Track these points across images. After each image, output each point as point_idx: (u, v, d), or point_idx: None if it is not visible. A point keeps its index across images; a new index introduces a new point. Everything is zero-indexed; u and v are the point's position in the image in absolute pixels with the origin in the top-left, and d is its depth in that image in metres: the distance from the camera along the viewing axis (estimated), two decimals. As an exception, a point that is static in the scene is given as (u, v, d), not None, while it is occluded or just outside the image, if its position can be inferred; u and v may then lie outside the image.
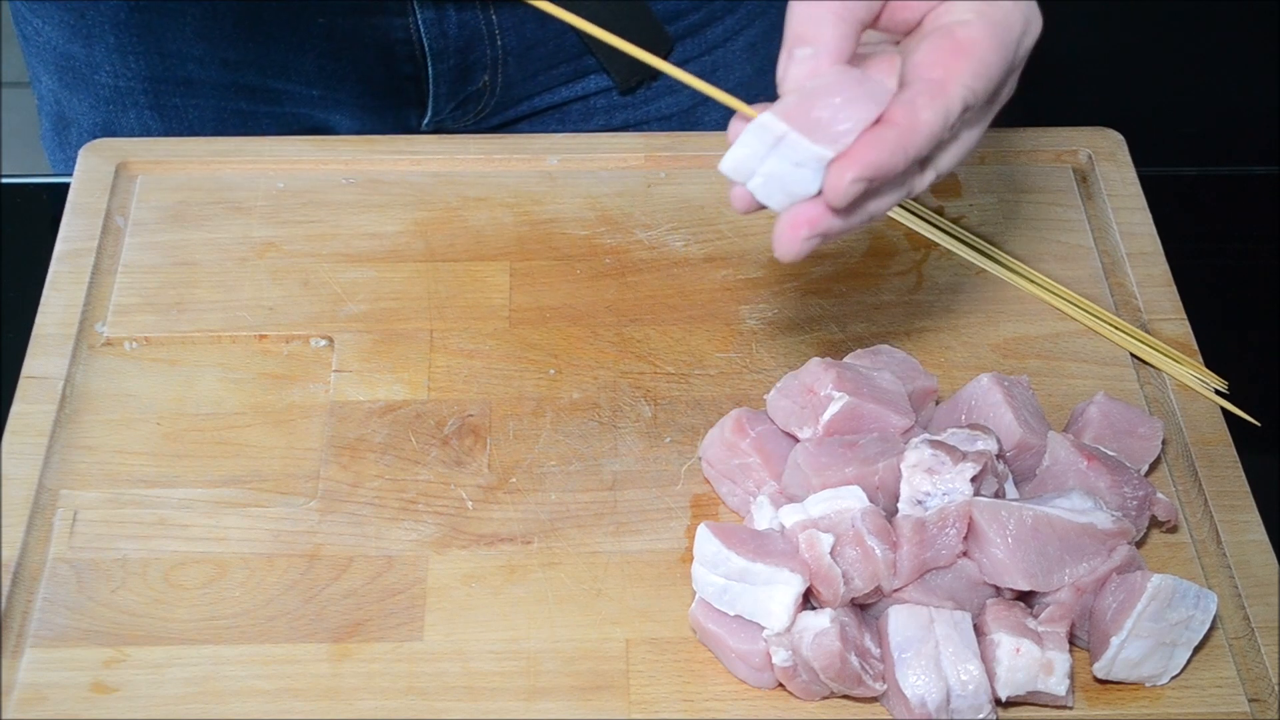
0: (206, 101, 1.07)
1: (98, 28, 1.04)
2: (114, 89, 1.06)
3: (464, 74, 1.07)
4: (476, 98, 1.08)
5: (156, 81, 1.06)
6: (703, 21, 1.10)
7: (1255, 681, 0.78)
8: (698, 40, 1.10)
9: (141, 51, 1.04)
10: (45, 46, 1.08)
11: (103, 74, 1.06)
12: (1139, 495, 0.80)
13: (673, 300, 0.94)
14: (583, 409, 0.88)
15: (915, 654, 0.74)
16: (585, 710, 0.76)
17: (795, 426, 0.81)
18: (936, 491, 0.76)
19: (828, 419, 0.80)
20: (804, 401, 0.81)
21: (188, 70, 1.05)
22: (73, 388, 0.88)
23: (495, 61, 1.06)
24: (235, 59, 1.05)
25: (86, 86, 1.07)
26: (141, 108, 1.07)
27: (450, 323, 0.92)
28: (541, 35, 0.76)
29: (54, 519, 0.82)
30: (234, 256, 0.95)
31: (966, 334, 0.93)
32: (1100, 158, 1.02)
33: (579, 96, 1.12)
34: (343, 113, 1.08)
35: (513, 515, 0.83)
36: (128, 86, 1.06)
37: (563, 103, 1.11)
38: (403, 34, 1.04)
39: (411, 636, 0.78)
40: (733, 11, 1.11)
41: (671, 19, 1.08)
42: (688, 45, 1.11)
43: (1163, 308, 0.94)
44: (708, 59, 1.12)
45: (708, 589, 0.77)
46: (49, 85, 1.10)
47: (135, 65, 1.05)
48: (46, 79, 1.10)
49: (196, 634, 0.78)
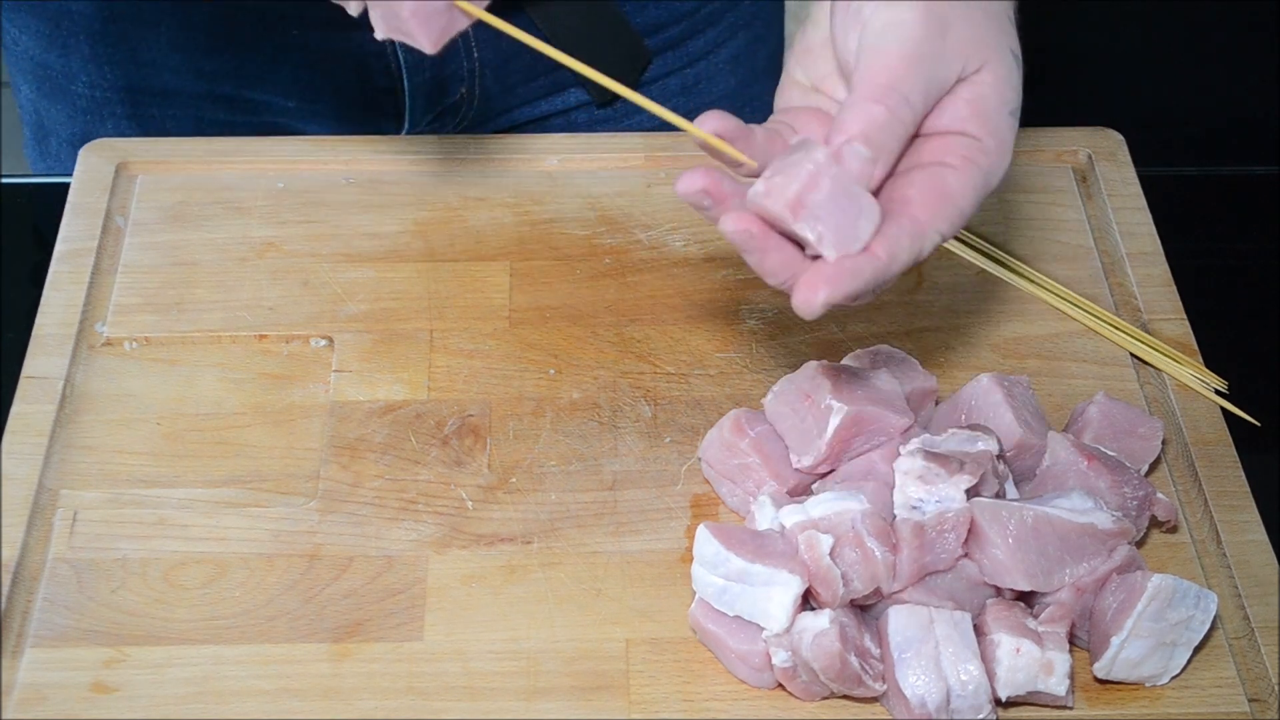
0: (184, 111, 1.06)
1: (73, 37, 1.03)
2: (91, 99, 1.06)
3: (440, 86, 1.06)
4: (454, 110, 1.08)
5: (133, 91, 1.06)
6: (684, 34, 1.10)
7: (1255, 681, 0.78)
8: (679, 53, 1.10)
9: (117, 61, 1.04)
10: (23, 55, 1.07)
11: (79, 84, 1.05)
12: (1139, 495, 0.80)
13: (673, 300, 0.94)
14: (583, 409, 0.88)
15: (915, 654, 0.74)
16: (585, 710, 0.76)
17: (796, 450, 0.81)
18: (930, 499, 0.76)
19: (829, 437, 0.79)
20: (802, 411, 0.81)
21: (164, 80, 1.05)
22: (73, 388, 0.88)
23: (472, 74, 1.06)
24: (211, 69, 1.04)
25: (64, 96, 1.07)
26: (119, 117, 1.07)
27: (450, 323, 0.92)
28: (518, 48, 0.76)
29: (54, 519, 0.82)
30: (234, 256, 0.95)
31: (966, 334, 0.93)
32: (1100, 158, 1.02)
33: (560, 110, 1.11)
34: (319, 123, 1.07)
35: (513, 515, 0.83)
36: (104, 96, 1.06)
37: (543, 116, 1.11)
38: (376, 47, 1.03)
39: (411, 636, 0.78)
40: (715, 24, 1.11)
41: (652, 31, 1.08)
42: (669, 58, 1.10)
43: (1163, 308, 0.94)
44: (690, 72, 1.11)
45: (707, 589, 0.77)
46: (28, 94, 1.10)
47: (111, 75, 1.05)
48: (26, 88, 1.10)
49: (196, 634, 0.78)
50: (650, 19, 1.07)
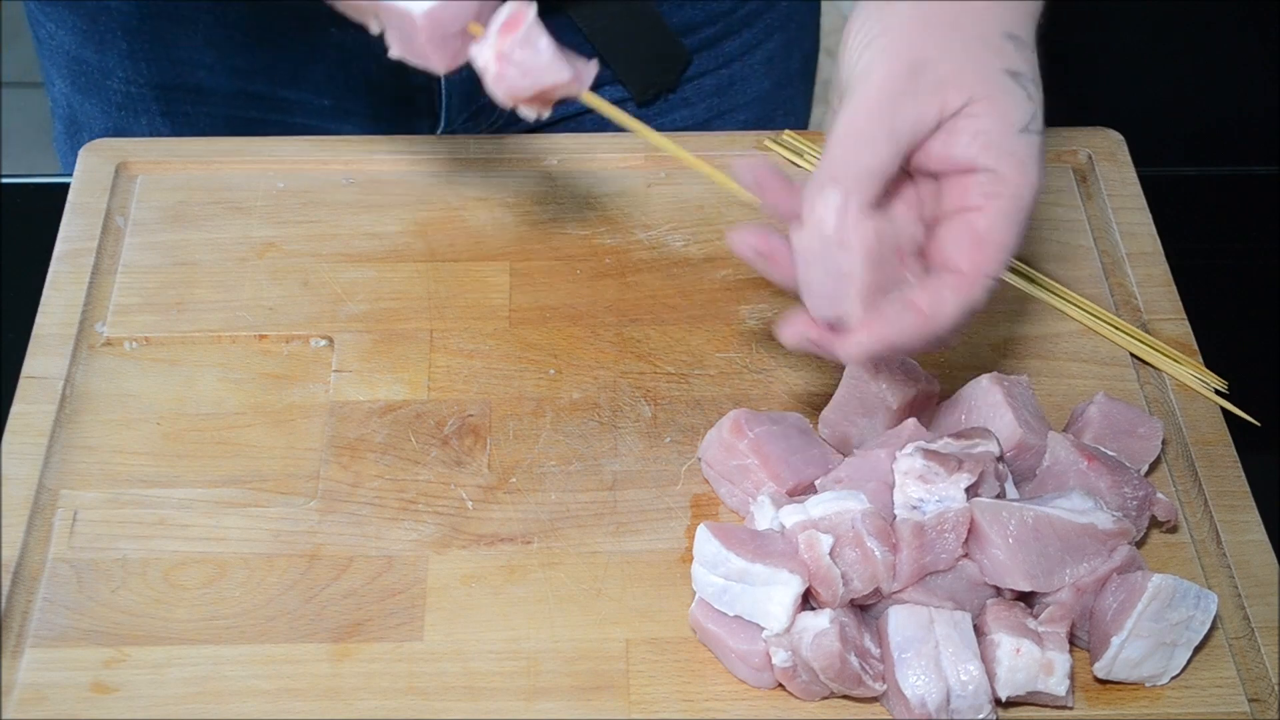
0: (217, 109, 1.07)
1: (110, 33, 1.04)
2: (125, 94, 1.06)
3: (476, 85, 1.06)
4: (490, 108, 1.08)
5: (167, 88, 1.06)
6: (719, 35, 1.10)
7: (1255, 681, 0.78)
8: (714, 54, 1.10)
9: (152, 58, 1.04)
10: (58, 50, 1.08)
11: (114, 79, 1.06)
12: (1139, 495, 0.80)
13: (673, 300, 0.94)
14: (583, 409, 0.88)
15: (915, 654, 0.74)
16: (585, 710, 0.76)
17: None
18: (930, 498, 0.76)
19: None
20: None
21: (198, 78, 1.05)
22: (73, 388, 0.88)
23: None
24: (245, 67, 1.05)
25: (98, 91, 1.07)
26: (153, 114, 1.07)
27: (450, 323, 0.92)
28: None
29: (54, 519, 0.82)
30: (234, 256, 0.95)
31: (967, 334, 0.93)
32: (1100, 158, 1.02)
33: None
34: (353, 123, 1.07)
35: (513, 515, 0.83)
36: (139, 93, 1.06)
37: (578, 113, 1.11)
38: None
39: (411, 636, 0.78)
40: (750, 25, 1.11)
41: (687, 32, 1.08)
42: (704, 59, 1.10)
43: (1163, 308, 0.94)
44: (725, 72, 1.11)
45: (707, 589, 0.77)
46: (62, 89, 1.10)
47: (146, 71, 1.05)
48: (60, 82, 1.10)
49: (196, 634, 0.78)
50: (686, 19, 1.08)
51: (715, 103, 1.11)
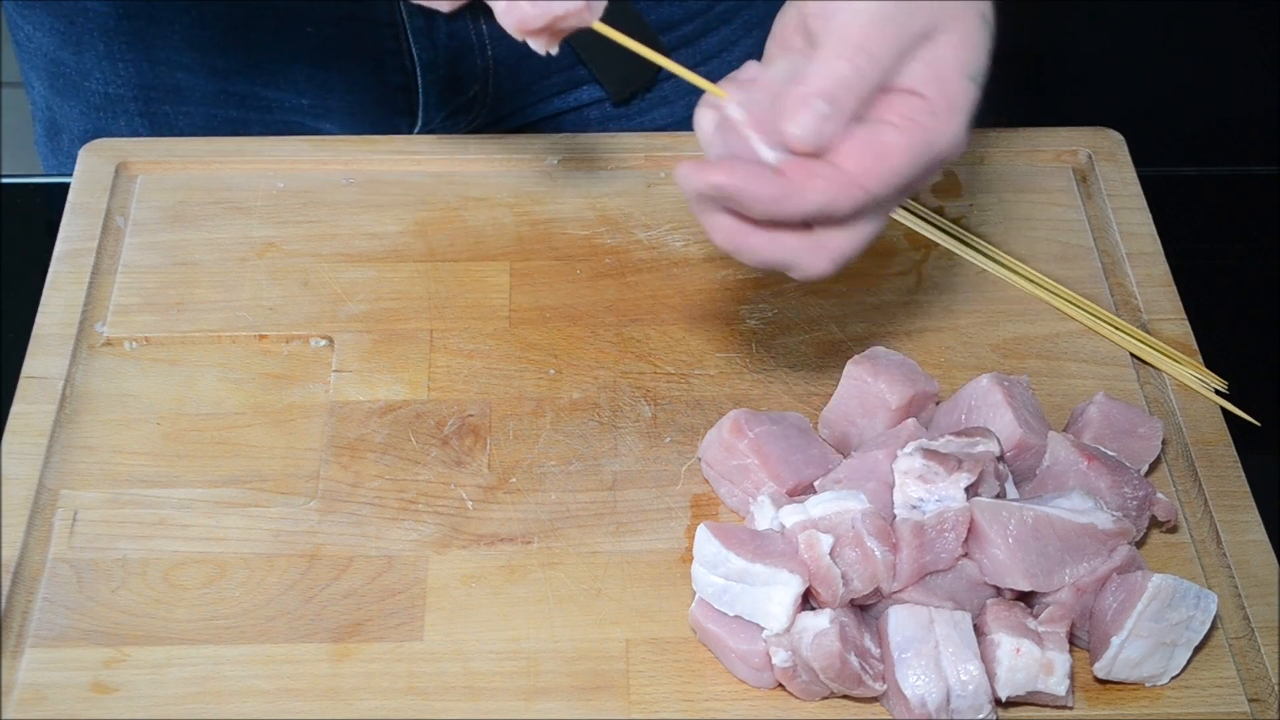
0: (196, 109, 1.06)
1: (87, 35, 1.04)
2: (104, 96, 1.06)
3: (454, 84, 1.06)
4: (467, 108, 1.08)
5: (146, 89, 1.06)
6: (697, 32, 1.10)
7: (1255, 681, 0.78)
8: (693, 50, 1.10)
9: (131, 59, 1.04)
10: (37, 53, 1.07)
11: (93, 81, 1.05)
12: (1139, 495, 0.80)
13: (673, 300, 0.94)
14: (583, 409, 0.88)
15: (915, 654, 0.74)
16: (585, 710, 0.76)
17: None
18: (930, 498, 0.76)
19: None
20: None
21: (177, 78, 1.05)
22: (73, 388, 0.88)
23: (486, 72, 1.06)
24: (224, 67, 1.05)
25: (77, 93, 1.07)
26: (132, 115, 1.07)
27: (450, 323, 0.92)
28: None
29: (54, 519, 0.82)
30: (234, 256, 0.95)
31: (966, 334, 0.93)
32: (1100, 158, 1.02)
33: (572, 108, 1.11)
34: (333, 121, 1.07)
35: (513, 515, 0.83)
36: (118, 94, 1.06)
37: (556, 113, 1.11)
38: (392, 44, 1.03)
39: (411, 636, 0.78)
40: (728, 22, 1.11)
41: (665, 29, 1.08)
42: (683, 55, 1.10)
43: (1163, 308, 0.94)
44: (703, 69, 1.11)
45: (707, 589, 0.77)
46: (41, 91, 1.10)
47: (125, 72, 1.05)
48: (39, 85, 1.10)
49: (196, 634, 0.78)
50: (664, 16, 1.08)
51: (694, 100, 1.11)
